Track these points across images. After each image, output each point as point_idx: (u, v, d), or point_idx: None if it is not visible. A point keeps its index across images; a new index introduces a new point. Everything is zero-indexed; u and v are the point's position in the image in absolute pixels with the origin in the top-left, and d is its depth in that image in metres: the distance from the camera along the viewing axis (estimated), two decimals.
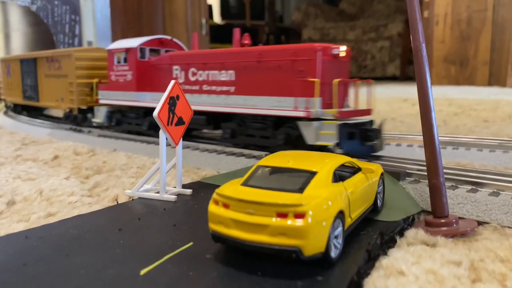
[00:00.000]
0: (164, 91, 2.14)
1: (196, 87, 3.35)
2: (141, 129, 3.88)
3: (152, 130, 3.76)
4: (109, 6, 10.24)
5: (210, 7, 13.77)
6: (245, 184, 1.49)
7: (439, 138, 1.85)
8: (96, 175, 2.79)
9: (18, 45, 10.24)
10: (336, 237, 1.38)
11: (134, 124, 3.99)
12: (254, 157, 2.92)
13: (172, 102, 2.19)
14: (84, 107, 4.53)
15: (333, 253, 1.36)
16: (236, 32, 3.31)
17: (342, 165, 1.67)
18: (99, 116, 4.29)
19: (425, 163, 1.86)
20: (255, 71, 2.96)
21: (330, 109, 2.64)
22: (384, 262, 1.40)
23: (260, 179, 1.51)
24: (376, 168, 1.87)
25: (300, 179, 1.45)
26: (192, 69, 3.37)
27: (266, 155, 2.56)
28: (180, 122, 2.25)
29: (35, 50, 8.07)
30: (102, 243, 1.55)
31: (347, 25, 14.61)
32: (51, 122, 5.28)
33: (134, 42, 3.82)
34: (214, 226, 1.41)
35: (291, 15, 15.95)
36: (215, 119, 3.32)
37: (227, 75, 3.13)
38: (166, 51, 3.92)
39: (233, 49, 3.20)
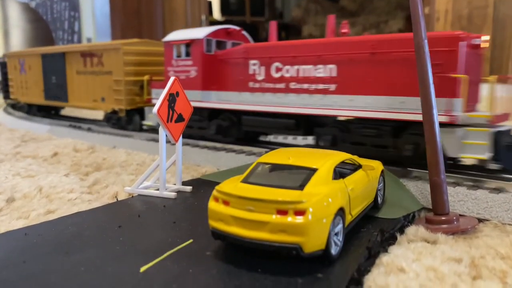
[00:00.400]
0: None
1: (281, 85, 2.83)
2: (205, 133, 3.35)
3: (221, 135, 3.25)
4: (108, 3, 10.22)
5: (209, 3, 13.73)
6: (245, 181, 1.49)
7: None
8: (96, 172, 2.79)
9: (18, 42, 10.22)
10: (336, 234, 1.38)
11: (197, 127, 3.41)
12: (254, 154, 2.92)
13: (171, 98, 2.19)
14: (131, 108, 4.01)
15: (334, 250, 1.36)
16: (331, 19, 2.79)
17: (343, 162, 1.66)
18: (151, 119, 3.71)
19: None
20: (366, 65, 2.44)
21: (472, 112, 2.16)
22: (384, 259, 1.40)
23: (260, 176, 1.51)
24: (376, 165, 1.87)
25: (301, 176, 1.45)
26: (276, 64, 2.84)
27: (266, 152, 2.55)
28: (180, 118, 2.25)
29: (34, 46, 8.01)
30: (102, 240, 1.55)
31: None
32: (50, 119, 5.27)
33: (198, 33, 3.27)
34: (214, 223, 1.40)
35: (291, 11, 15.90)
36: (303, 123, 2.83)
37: (325, 71, 2.61)
38: (233, 44, 3.42)
39: (334, 39, 2.69)
